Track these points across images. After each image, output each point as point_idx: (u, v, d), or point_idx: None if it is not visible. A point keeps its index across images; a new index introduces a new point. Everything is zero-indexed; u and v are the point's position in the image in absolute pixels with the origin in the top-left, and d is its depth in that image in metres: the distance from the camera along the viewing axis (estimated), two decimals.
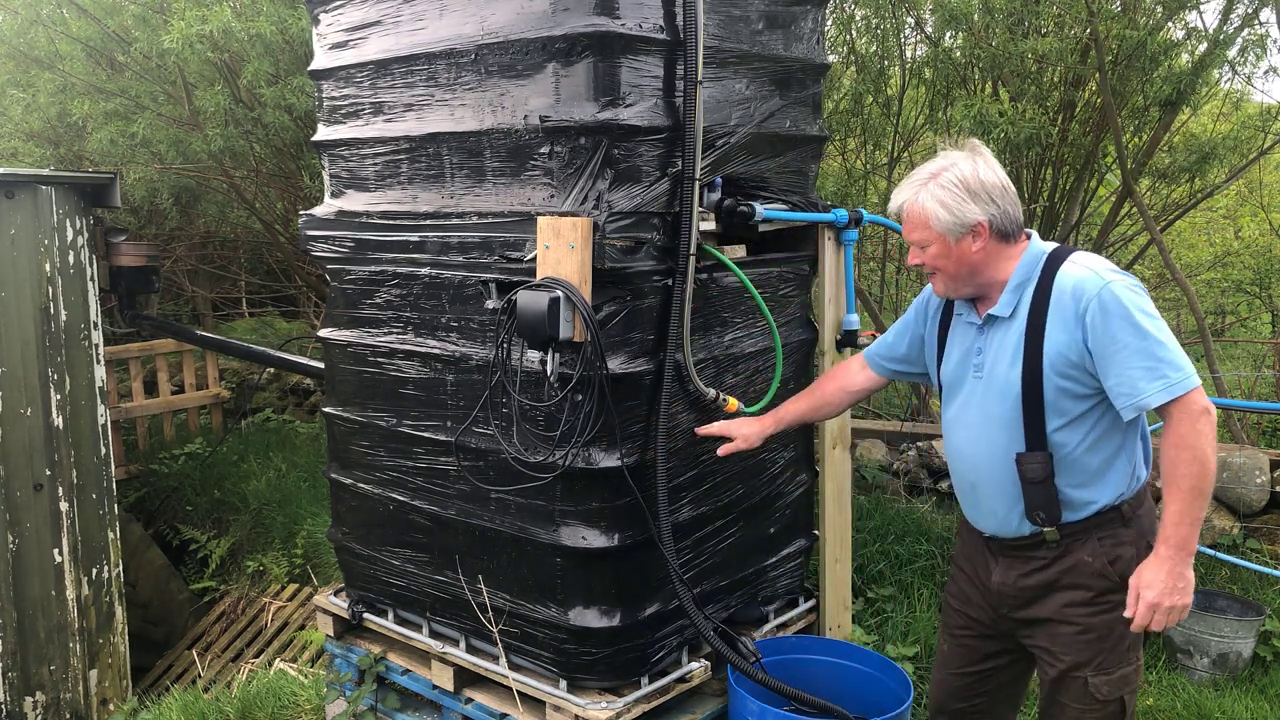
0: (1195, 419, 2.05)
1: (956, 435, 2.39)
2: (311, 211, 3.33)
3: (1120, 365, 2.08)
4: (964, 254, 2.23)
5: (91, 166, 6.90)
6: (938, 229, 2.22)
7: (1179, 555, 2.07)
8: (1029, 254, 2.25)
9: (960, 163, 2.22)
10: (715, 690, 3.06)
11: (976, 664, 2.51)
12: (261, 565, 6.00)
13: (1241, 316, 8.71)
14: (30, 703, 5.06)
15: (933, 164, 2.26)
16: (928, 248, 2.27)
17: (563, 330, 2.50)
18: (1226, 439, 5.34)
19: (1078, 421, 2.19)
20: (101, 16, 6.34)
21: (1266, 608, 3.88)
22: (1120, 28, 4.43)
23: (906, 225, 2.29)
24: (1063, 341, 2.15)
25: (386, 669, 3.29)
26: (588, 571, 2.76)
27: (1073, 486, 2.22)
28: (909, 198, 2.26)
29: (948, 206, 2.20)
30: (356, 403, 3.26)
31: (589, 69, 2.56)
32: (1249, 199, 7.66)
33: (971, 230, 2.21)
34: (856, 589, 4.01)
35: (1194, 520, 2.07)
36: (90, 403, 5.20)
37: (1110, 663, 2.26)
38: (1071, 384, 2.17)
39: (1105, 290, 2.10)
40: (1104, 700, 2.26)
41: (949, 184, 2.20)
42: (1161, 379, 2.06)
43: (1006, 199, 2.22)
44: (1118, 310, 2.09)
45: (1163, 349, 2.07)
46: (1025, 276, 2.24)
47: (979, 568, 2.45)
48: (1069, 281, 2.16)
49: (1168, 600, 2.07)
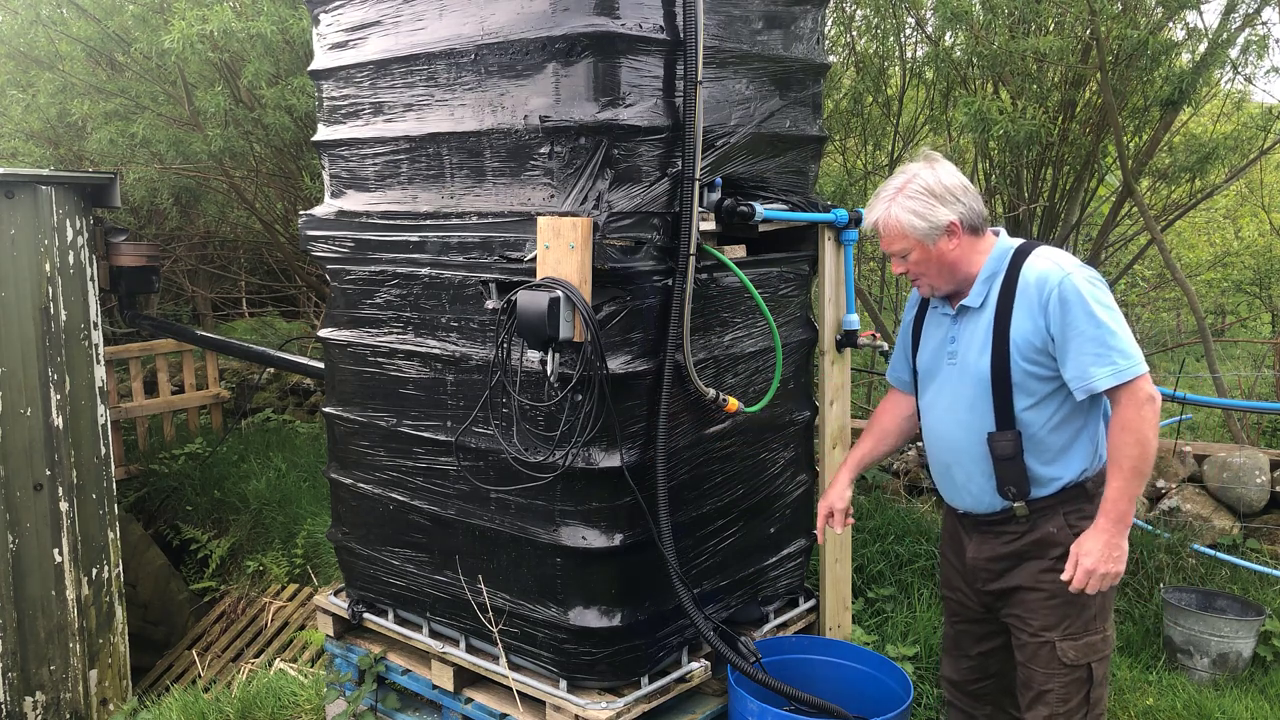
0: (1140, 405, 2.22)
1: (932, 418, 2.55)
2: (311, 211, 3.33)
3: (1075, 350, 2.25)
4: (943, 254, 2.39)
5: (91, 166, 6.90)
6: (915, 236, 2.38)
7: (1116, 527, 2.26)
8: (997, 248, 2.42)
9: (921, 172, 2.39)
10: (715, 690, 3.06)
11: (974, 647, 2.66)
12: (261, 565, 6.00)
13: (1241, 316, 8.71)
14: (30, 703, 5.06)
15: (896, 179, 2.42)
16: (909, 255, 2.42)
17: (563, 330, 2.50)
18: (1226, 439, 5.34)
19: (1044, 402, 2.35)
20: (101, 16, 6.33)
21: (1266, 608, 3.88)
22: (1121, 27, 4.43)
23: (885, 239, 2.45)
24: (1028, 328, 2.31)
25: (386, 669, 3.29)
26: (588, 571, 2.75)
27: (1040, 464, 2.37)
28: (882, 213, 2.41)
29: (919, 214, 2.36)
30: (356, 403, 3.26)
31: (589, 69, 2.56)
32: (1249, 199, 7.66)
33: (945, 230, 2.37)
34: (856, 589, 4.01)
35: (1132, 496, 2.25)
36: (90, 403, 5.20)
37: (1077, 629, 2.39)
38: (1036, 367, 2.33)
39: (1066, 281, 2.27)
40: (1071, 664, 2.39)
41: (915, 193, 2.37)
42: (1110, 365, 2.22)
43: (969, 196, 2.39)
44: (1076, 300, 2.25)
45: (1114, 338, 2.23)
46: (994, 269, 2.40)
47: (957, 549, 2.62)
48: (1033, 274, 2.33)
49: (1102, 566, 2.25)
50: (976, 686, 2.70)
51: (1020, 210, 5.46)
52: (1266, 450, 4.69)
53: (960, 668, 2.72)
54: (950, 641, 2.74)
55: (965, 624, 2.66)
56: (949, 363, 2.47)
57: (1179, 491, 4.44)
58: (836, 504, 2.72)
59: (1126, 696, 3.60)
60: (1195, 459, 4.52)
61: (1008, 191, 5.51)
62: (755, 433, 3.12)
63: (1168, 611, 3.89)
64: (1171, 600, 3.89)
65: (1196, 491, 4.44)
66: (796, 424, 3.31)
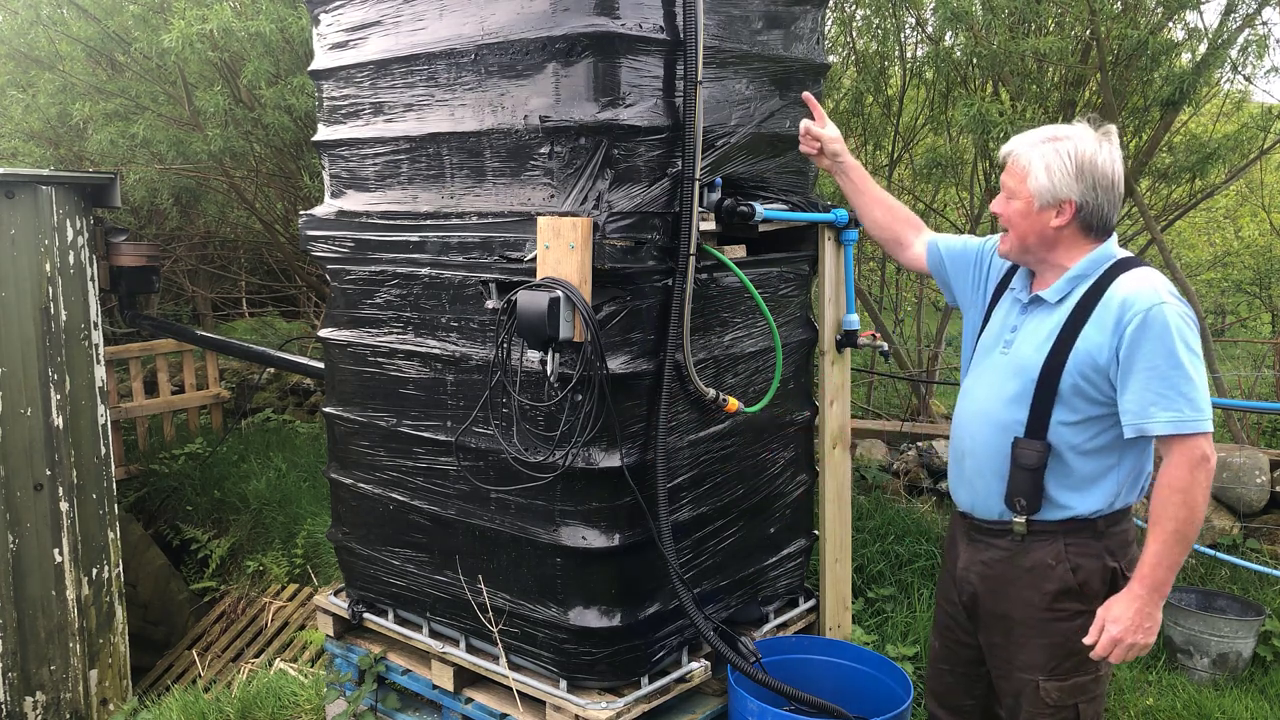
0: (1194, 465, 2.05)
1: (966, 402, 2.41)
2: (311, 211, 3.33)
3: (1140, 383, 2.08)
4: (1042, 224, 2.22)
5: (92, 167, 6.90)
6: (1031, 187, 2.21)
7: (1151, 596, 2.09)
8: (1100, 252, 2.24)
9: (1084, 140, 2.19)
10: (715, 690, 3.06)
11: (962, 665, 2.54)
12: (261, 565, 6.00)
13: (1241, 316, 8.71)
14: (30, 703, 5.06)
15: (1059, 128, 2.24)
16: (1013, 200, 2.26)
17: (563, 330, 2.50)
18: (1226, 439, 5.34)
19: (1084, 423, 2.20)
20: (101, 17, 6.33)
21: (1266, 608, 3.88)
22: (1121, 27, 4.43)
23: (1006, 171, 2.29)
24: (1096, 343, 2.15)
25: (386, 669, 3.29)
26: (588, 571, 2.75)
27: (1059, 487, 2.24)
28: (1020, 149, 2.25)
29: (1051, 171, 2.18)
30: (356, 403, 3.26)
31: (589, 69, 2.56)
32: (1249, 199, 7.66)
33: (1059, 204, 2.19)
34: (856, 589, 4.01)
35: (1172, 565, 2.08)
36: (90, 403, 5.20)
37: (1065, 670, 2.26)
38: (1089, 386, 2.17)
39: (1156, 309, 2.09)
40: (1054, 706, 2.27)
41: (1064, 153, 2.18)
42: (1175, 411, 2.05)
43: (1108, 194, 2.20)
44: (1161, 332, 2.07)
45: (1189, 385, 2.06)
46: (1086, 271, 2.23)
47: (953, 556, 2.50)
48: (1124, 290, 2.15)
49: (1130, 638, 2.10)
50: (959, 702, 2.57)
51: None
52: (1266, 450, 4.69)
53: (946, 682, 2.59)
54: (938, 654, 2.61)
55: (953, 642, 2.53)
56: (1001, 351, 2.33)
57: None
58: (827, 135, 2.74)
59: (1126, 696, 3.60)
60: None
61: None
62: (755, 433, 3.12)
63: (1168, 612, 3.89)
64: (1171, 600, 3.89)
65: None
66: (796, 424, 3.31)
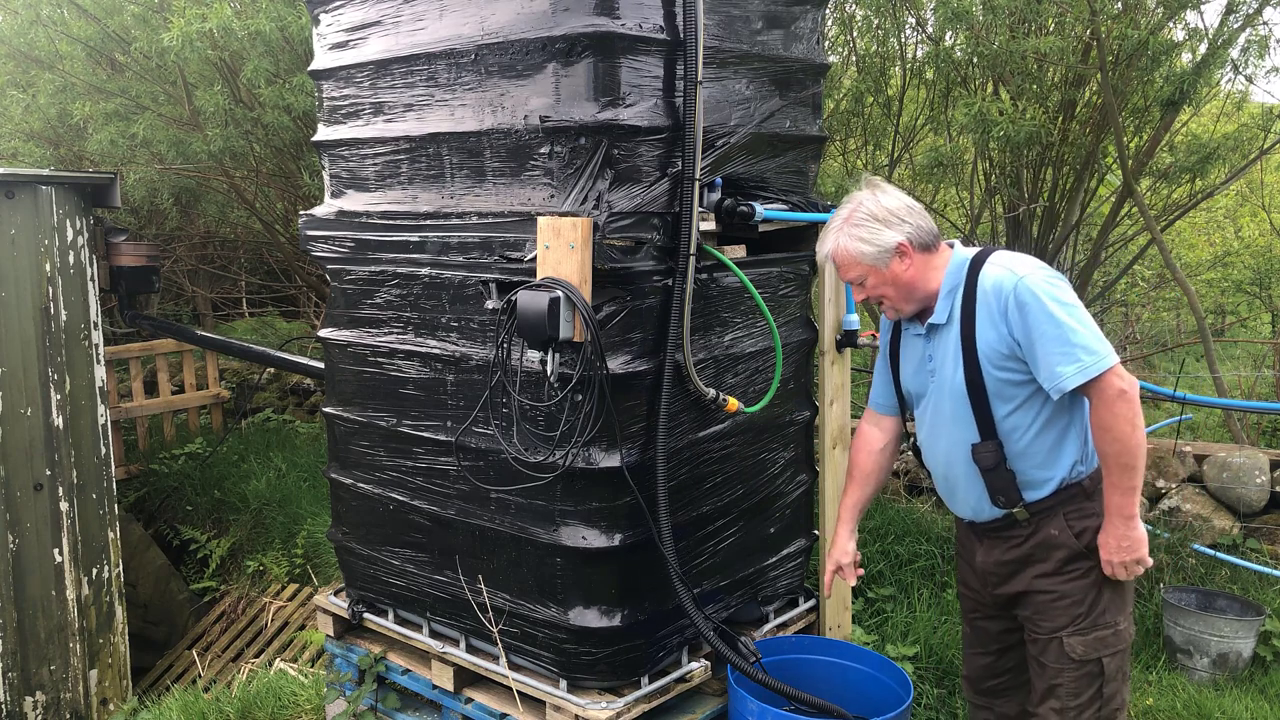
0: (1111, 402, 2.22)
1: (925, 434, 2.60)
2: (311, 211, 3.33)
3: (1042, 352, 2.26)
4: (897, 276, 2.43)
5: (92, 166, 6.90)
6: (867, 262, 2.42)
7: (1119, 519, 2.30)
8: (954, 262, 2.44)
9: (864, 200, 2.44)
10: (715, 690, 3.06)
11: (992, 643, 2.68)
12: (261, 565, 6.00)
13: (1241, 316, 8.71)
14: (30, 703, 5.06)
15: (843, 210, 2.47)
16: (865, 281, 2.47)
17: (563, 330, 2.50)
18: (1226, 439, 5.34)
19: (1024, 406, 2.36)
20: (101, 16, 6.34)
21: (1266, 608, 3.88)
22: (1121, 27, 4.43)
23: (841, 269, 2.49)
24: (992, 337, 2.33)
25: (386, 669, 3.29)
26: (588, 571, 2.75)
27: (1032, 467, 2.39)
28: (832, 245, 2.46)
29: (867, 240, 2.40)
30: (356, 403, 3.26)
31: (589, 69, 2.56)
32: (1249, 199, 7.66)
33: (895, 252, 2.40)
34: (856, 589, 4.01)
35: (1126, 489, 2.27)
36: (90, 403, 5.20)
37: (1086, 625, 2.40)
38: (1009, 374, 2.34)
39: (1020, 285, 2.28)
40: (1079, 660, 2.40)
41: (861, 220, 2.41)
42: (1075, 362, 2.22)
43: (915, 215, 2.42)
44: (1033, 302, 2.25)
45: (1075, 334, 2.22)
46: (954, 283, 2.42)
47: (969, 552, 2.65)
48: (989, 281, 2.34)
49: (1116, 557, 2.32)
50: (994, 682, 2.71)
51: (1020, 210, 5.46)
52: (1266, 450, 4.69)
53: (978, 664, 2.73)
54: (968, 639, 2.76)
55: (982, 620, 2.68)
56: (931, 380, 2.50)
57: (1179, 492, 4.44)
58: (842, 559, 2.74)
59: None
60: (1195, 459, 4.52)
61: (1008, 191, 5.51)
62: (755, 433, 3.12)
63: (1168, 611, 3.89)
64: (1171, 600, 3.89)
65: (1196, 491, 4.43)
66: (796, 424, 3.31)
